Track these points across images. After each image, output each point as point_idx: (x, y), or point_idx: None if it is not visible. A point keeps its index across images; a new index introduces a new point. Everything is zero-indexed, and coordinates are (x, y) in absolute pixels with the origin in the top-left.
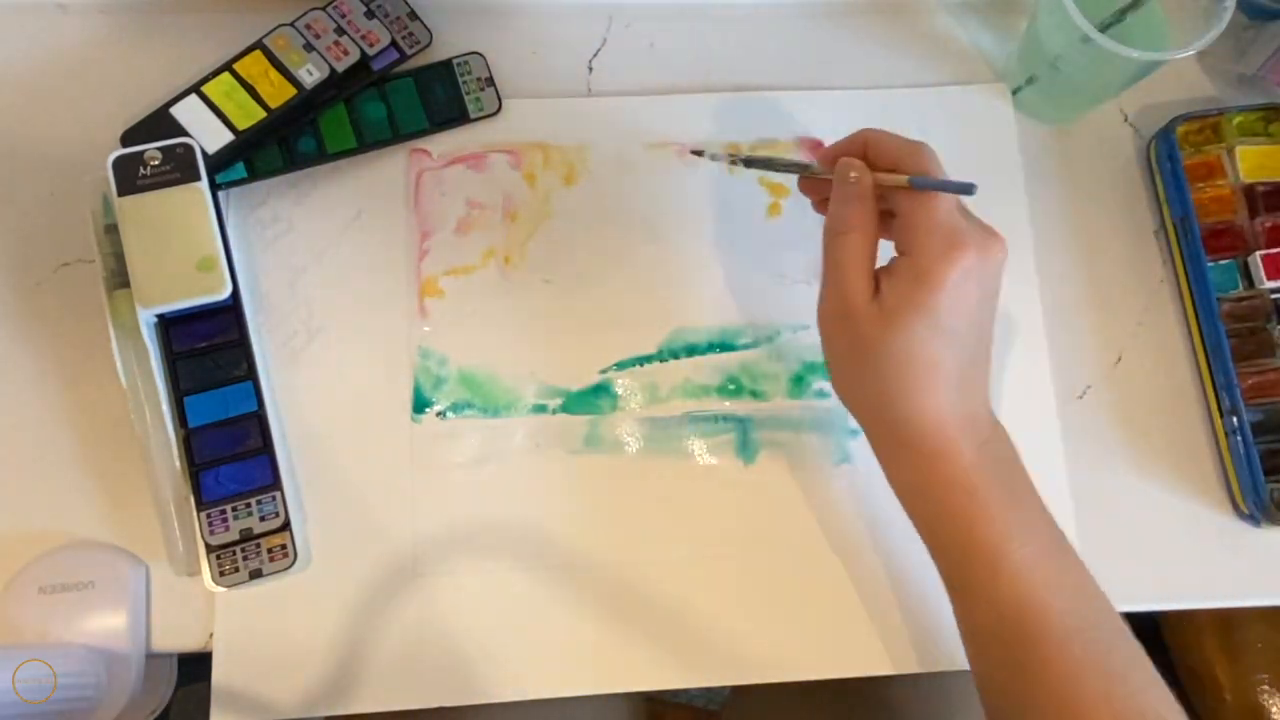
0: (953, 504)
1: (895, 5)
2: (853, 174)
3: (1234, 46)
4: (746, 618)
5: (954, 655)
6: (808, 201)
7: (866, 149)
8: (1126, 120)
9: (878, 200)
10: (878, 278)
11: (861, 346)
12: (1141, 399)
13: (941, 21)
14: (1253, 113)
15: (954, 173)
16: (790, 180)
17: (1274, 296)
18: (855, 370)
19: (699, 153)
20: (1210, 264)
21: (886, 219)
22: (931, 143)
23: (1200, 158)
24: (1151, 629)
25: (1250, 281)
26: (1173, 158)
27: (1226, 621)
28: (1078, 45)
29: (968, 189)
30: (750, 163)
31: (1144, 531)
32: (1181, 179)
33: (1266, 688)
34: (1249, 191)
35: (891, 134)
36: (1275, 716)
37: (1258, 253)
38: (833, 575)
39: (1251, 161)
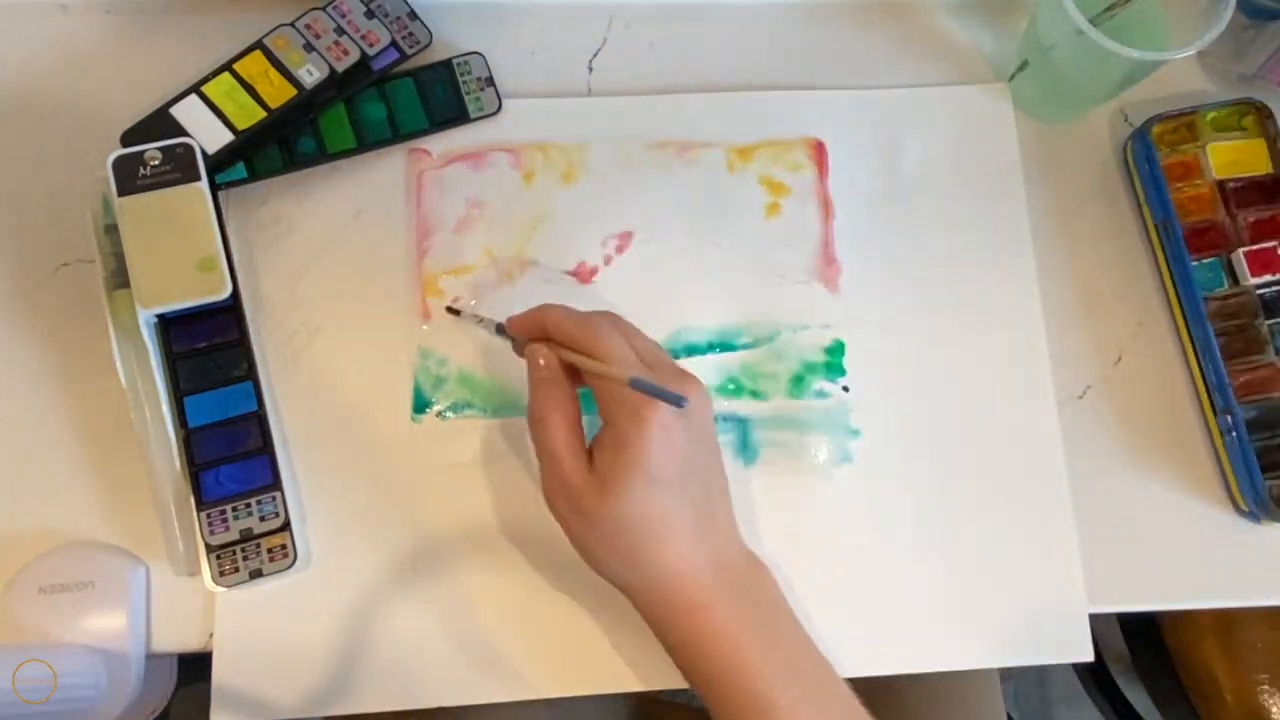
0: (718, 656)
1: (895, 5)
2: (540, 360)
3: (1234, 46)
4: None
5: (955, 655)
6: (807, 201)
7: (546, 328)
8: (1126, 120)
9: (572, 377)
10: (590, 450)
11: (593, 520)
12: (1141, 399)
13: (941, 21)
14: (1226, 108)
15: (953, 173)
16: (790, 179)
17: (1260, 292)
18: (597, 545)
19: (454, 310)
20: (1195, 263)
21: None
22: (931, 143)
23: (1177, 157)
24: (1151, 629)
25: (1235, 279)
26: (1150, 158)
27: (1226, 621)
28: (1075, 42)
29: (678, 401)
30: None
31: (1145, 531)
32: (1160, 179)
33: (1266, 688)
34: (1224, 188)
35: (566, 311)
36: (1276, 717)
37: (1240, 249)
38: (833, 576)
39: (1223, 157)
